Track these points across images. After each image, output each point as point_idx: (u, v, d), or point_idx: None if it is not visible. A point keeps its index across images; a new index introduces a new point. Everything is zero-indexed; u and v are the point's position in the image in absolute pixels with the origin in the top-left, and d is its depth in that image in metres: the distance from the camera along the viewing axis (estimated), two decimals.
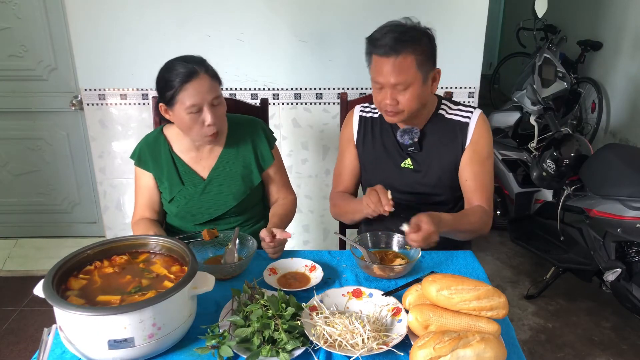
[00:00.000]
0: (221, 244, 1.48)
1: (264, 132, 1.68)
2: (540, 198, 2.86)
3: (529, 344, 2.37)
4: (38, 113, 2.80)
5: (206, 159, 1.62)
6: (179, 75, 1.43)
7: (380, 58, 1.44)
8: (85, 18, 2.37)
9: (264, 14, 2.37)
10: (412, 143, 1.58)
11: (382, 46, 1.43)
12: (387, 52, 1.42)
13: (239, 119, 1.68)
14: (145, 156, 1.61)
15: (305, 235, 2.79)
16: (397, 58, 1.42)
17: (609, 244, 2.28)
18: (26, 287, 2.58)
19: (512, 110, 3.08)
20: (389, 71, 1.43)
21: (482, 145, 1.58)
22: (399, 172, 1.63)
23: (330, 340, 1.06)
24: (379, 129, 1.66)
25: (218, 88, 1.49)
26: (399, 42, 1.41)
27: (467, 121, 1.59)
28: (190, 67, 1.43)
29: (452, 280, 1.09)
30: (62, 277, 1.12)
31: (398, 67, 1.42)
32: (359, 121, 1.70)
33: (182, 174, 1.61)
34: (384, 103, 1.48)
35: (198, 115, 1.45)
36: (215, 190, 1.61)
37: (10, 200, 2.99)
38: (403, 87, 1.45)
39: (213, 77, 1.47)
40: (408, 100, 1.46)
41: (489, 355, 0.97)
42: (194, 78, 1.43)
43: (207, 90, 1.44)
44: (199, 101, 1.43)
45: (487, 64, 6.62)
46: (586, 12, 4.45)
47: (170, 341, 1.06)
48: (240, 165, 1.64)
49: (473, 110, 1.60)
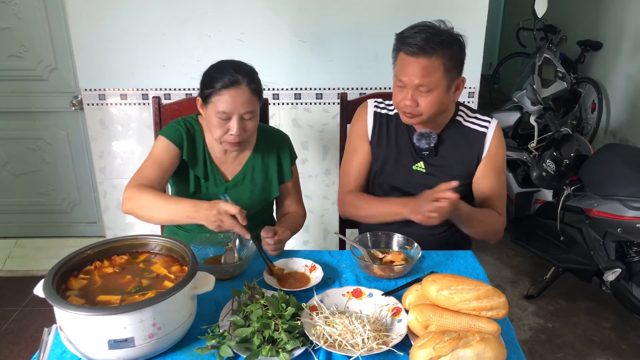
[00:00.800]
0: (221, 244, 1.48)
1: (289, 147, 1.70)
2: (540, 198, 2.86)
3: (529, 344, 2.37)
4: (38, 113, 2.80)
5: (231, 163, 1.63)
6: (222, 79, 1.43)
7: (407, 57, 1.42)
8: (85, 18, 2.37)
9: (264, 14, 2.37)
10: (429, 147, 1.56)
11: (411, 45, 1.39)
12: (415, 52, 1.39)
13: (269, 131, 1.70)
14: (181, 135, 1.55)
15: (305, 235, 2.79)
16: (425, 59, 1.39)
17: (609, 244, 2.28)
18: (26, 287, 2.58)
19: (512, 110, 3.08)
20: (414, 71, 1.41)
21: (499, 158, 1.58)
22: (409, 174, 1.61)
23: (330, 340, 1.06)
24: (394, 127, 1.62)
25: (255, 103, 1.48)
26: (429, 43, 1.38)
27: (485, 131, 1.57)
28: (234, 76, 1.43)
29: (452, 280, 1.09)
30: (62, 277, 1.12)
31: (425, 68, 1.40)
32: (373, 117, 1.65)
33: (208, 170, 1.60)
34: (404, 103, 1.46)
35: (226, 122, 1.46)
36: (235, 195, 1.60)
37: (10, 200, 2.99)
38: (426, 90, 1.42)
39: (253, 92, 1.46)
40: (429, 104, 1.44)
41: (489, 355, 0.97)
42: (233, 87, 1.43)
43: (241, 102, 1.44)
44: (230, 110, 1.44)
45: (487, 64, 6.62)
46: (586, 12, 4.45)
47: (170, 341, 1.06)
48: (263, 176, 1.65)
49: (490, 120, 1.60)
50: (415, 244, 1.42)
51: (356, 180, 1.67)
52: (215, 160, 1.61)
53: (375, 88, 2.51)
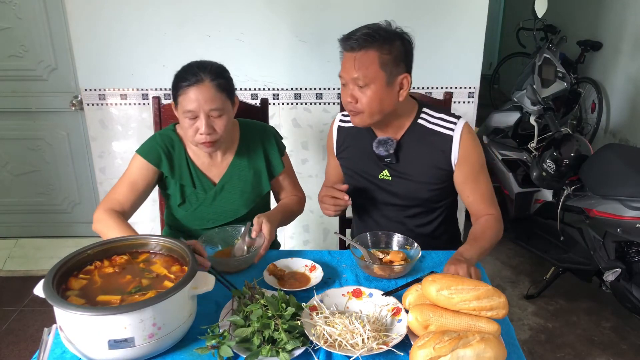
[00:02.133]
0: (230, 239, 1.50)
1: (275, 139, 1.68)
2: (540, 198, 2.85)
3: (529, 344, 2.37)
4: (38, 113, 2.80)
5: (218, 166, 1.61)
6: (186, 78, 1.43)
7: (345, 53, 1.43)
8: (85, 18, 2.37)
9: (264, 14, 2.37)
10: (388, 154, 1.53)
11: (347, 41, 1.41)
12: (352, 47, 1.40)
13: (251, 126, 1.67)
14: (158, 152, 1.55)
15: (305, 235, 2.79)
16: (359, 53, 1.39)
17: (608, 244, 2.28)
18: (26, 287, 2.59)
19: (512, 110, 3.08)
20: (350, 65, 1.41)
21: (473, 159, 1.52)
22: (377, 183, 1.60)
23: (330, 340, 1.07)
24: (357, 139, 1.62)
25: (221, 100, 1.45)
26: (366, 37, 1.39)
27: (451, 134, 1.50)
28: (197, 74, 1.43)
29: (452, 280, 1.09)
30: (62, 277, 1.12)
31: (358, 60, 1.39)
32: (337, 132, 1.68)
33: (194, 178, 1.59)
34: (345, 100, 1.46)
35: (194, 121, 1.44)
36: (226, 197, 1.60)
37: (10, 200, 2.99)
38: (362, 84, 1.41)
39: (219, 88, 1.44)
40: (367, 99, 1.42)
41: (488, 355, 0.97)
42: (196, 84, 1.42)
43: (205, 99, 1.42)
44: (195, 108, 1.42)
45: (487, 64, 6.62)
46: (586, 12, 4.45)
47: (170, 341, 1.06)
48: (251, 172, 1.63)
49: (457, 121, 1.52)
50: (415, 244, 1.42)
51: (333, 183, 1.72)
52: (200, 166, 1.60)
53: None
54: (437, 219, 1.64)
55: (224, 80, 1.47)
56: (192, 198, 1.60)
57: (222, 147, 1.58)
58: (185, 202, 1.60)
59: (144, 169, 1.54)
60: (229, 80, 1.50)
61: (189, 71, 1.44)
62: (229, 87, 1.49)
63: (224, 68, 1.52)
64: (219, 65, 1.50)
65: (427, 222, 1.63)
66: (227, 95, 1.47)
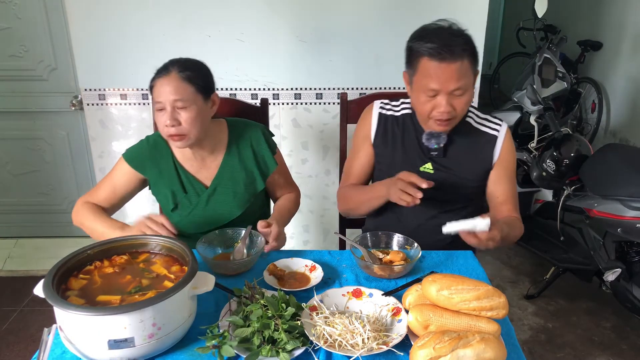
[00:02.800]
0: (231, 241, 1.49)
1: (265, 137, 1.65)
2: (540, 198, 2.86)
3: (529, 344, 2.37)
4: (38, 113, 2.80)
5: (208, 168, 1.60)
6: (158, 71, 1.46)
7: (436, 63, 1.37)
8: (85, 18, 2.37)
9: (264, 14, 2.37)
10: (438, 148, 1.54)
11: (439, 51, 1.35)
12: (445, 57, 1.35)
13: (240, 125, 1.65)
14: (144, 159, 1.56)
15: (305, 235, 2.79)
16: (457, 62, 1.36)
17: (609, 244, 2.28)
18: (26, 287, 2.59)
19: (512, 110, 3.08)
20: (449, 77, 1.37)
21: (510, 162, 1.58)
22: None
23: (330, 340, 1.06)
24: (401, 128, 1.60)
25: (187, 92, 1.44)
26: (457, 46, 1.36)
27: (496, 135, 1.56)
28: (165, 66, 1.46)
29: (452, 280, 1.09)
30: (62, 277, 1.12)
31: (459, 71, 1.37)
32: (378, 118, 1.63)
33: (185, 182, 1.58)
34: (439, 111, 1.42)
35: (162, 113, 1.44)
36: (219, 200, 1.59)
37: (10, 200, 2.99)
38: (461, 93, 1.40)
39: (185, 80, 1.44)
40: (463, 105, 1.42)
41: (489, 355, 0.97)
42: (163, 75, 1.44)
43: (170, 90, 1.42)
44: (162, 99, 1.43)
45: (487, 64, 6.63)
46: (586, 12, 4.45)
47: (170, 341, 1.06)
48: (243, 172, 1.61)
49: (501, 123, 1.59)
50: (415, 244, 1.42)
51: (356, 178, 1.68)
52: (190, 170, 1.59)
53: (375, 88, 2.52)
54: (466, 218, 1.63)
55: (193, 73, 1.46)
56: (185, 203, 1.58)
57: (206, 149, 1.57)
58: (178, 207, 1.59)
59: (127, 174, 1.57)
60: (201, 74, 1.49)
61: (163, 65, 1.47)
62: (199, 80, 1.47)
63: (200, 63, 1.51)
64: (196, 61, 1.51)
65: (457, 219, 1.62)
66: (196, 88, 1.45)
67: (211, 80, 1.53)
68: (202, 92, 1.48)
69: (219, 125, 1.61)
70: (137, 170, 1.56)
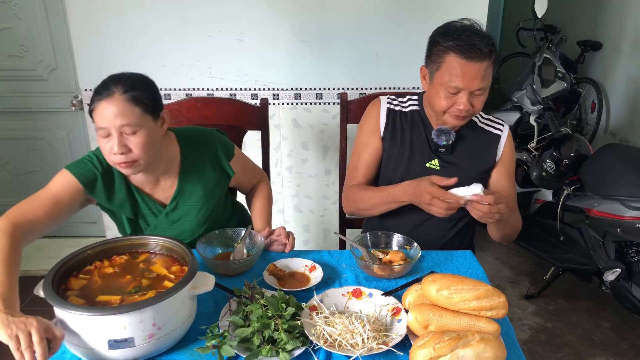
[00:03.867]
0: (230, 241, 1.49)
1: (220, 144, 1.53)
2: (540, 198, 2.86)
3: (529, 344, 2.37)
4: (38, 113, 2.80)
5: (162, 189, 1.46)
6: (99, 91, 1.28)
7: (465, 61, 1.37)
8: (85, 18, 2.37)
9: (264, 14, 2.37)
10: (447, 145, 1.55)
11: (470, 49, 1.36)
12: (475, 56, 1.36)
13: (192, 135, 1.51)
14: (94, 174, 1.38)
15: (305, 235, 2.79)
16: (485, 62, 1.38)
17: (608, 244, 2.28)
18: (26, 287, 2.58)
19: (511, 110, 3.08)
20: (474, 76, 1.38)
21: (511, 161, 1.62)
22: (423, 171, 1.58)
23: (330, 340, 1.07)
24: (409, 124, 1.60)
25: (135, 115, 1.26)
26: (486, 46, 1.37)
27: (499, 134, 1.60)
28: (107, 86, 1.27)
29: (452, 280, 1.09)
30: (62, 277, 1.12)
31: (484, 71, 1.38)
32: (387, 113, 1.61)
33: (140, 203, 1.45)
34: (459, 108, 1.42)
35: (108, 139, 1.27)
36: (181, 216, 1.49)
37: (10, 200, 2.94)
38: (481, 92, 1.42)
39: (132, 102, 1.26)
40: (481, 103, 1.44)
41: (488, 355, 0.97)
42: (105, 98, 1.25)
43: (115, 114, 1.24)
44: (106, 125, 1.25)
45: None
46: (586, 12, 4.45)
47: (170, 341, 1.06)
48: (202, 184, 1.49)
49: (503, 123, 1.63)
50: (415, 243, 1.42)
51: (364, 175, 1.64)
52: (144, 189, 1.45)
53: (375, 88, 2.52)
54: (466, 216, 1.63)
55: (139, 93, 1.28)
56: (143, 224, 1.48)
57: (159, 169, 1.43)
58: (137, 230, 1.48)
59: (70, 188, 1.35)
60: (148, 91, 1.31)
61: (102, 85, 1.29)
62: (147, 99, 1.29)
63: (145, 79, 1.34)
64: (140, 77, 1.33)
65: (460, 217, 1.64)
66: (144, 109, 1.28)
67: (159, 97, 1.36)
68: (151, 112, 1.31)
69: (168, 141, 1.46)
70: (84, 187, 1.36)
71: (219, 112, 1.89)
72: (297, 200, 2.71)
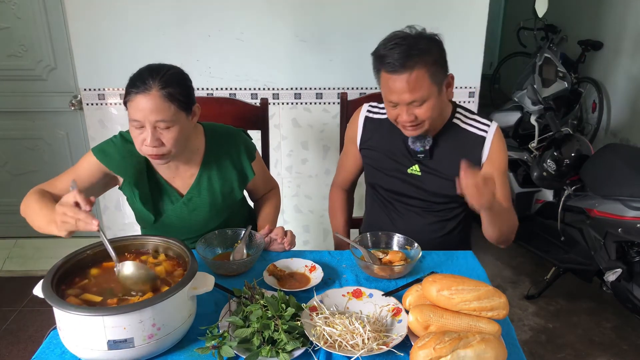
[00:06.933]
0: (230, 242, 1.49)
1: (243, 144, 1.58)
2: (540, 198, 2.85)
3: (530, 345, 2.37)
4: (37, 113, 2.79)
5: (182, 177, 1.51)
6: (135, 84, 1.30)
7: (390, 75, 1.38)
8: (85, 18, 2.36)
9: (264, 13, 2.37)
10: (423, 150, 1.54)
11: (391, 63, 1.35)
12: (397, 69, 1.35)
13: (218, 131, 1.56)
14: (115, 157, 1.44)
15: (305, 235, 2.78)
16: (409, 75, 1.35)
17: (609, 244, 2.28)
18: (26, 287, 2.57)
19: (512, 110, 3.08)
20: (402, 89, 1.37)
21: (500, 162, 1.56)
22: (405, 177, 1.60)
23: (330, 341, 1.06)
24: (388, 131, 1.61)
25: (170, 111, 1.30)
26: (409, 57, 1.34)
27: (484, 135, 1.55)
28: (145, 80, 1.29)
29: (453, 280, 1.09)
30: (62, 277, 1.11)
31: (412, 84, 1.36)
32: (364, 122, 1.65)
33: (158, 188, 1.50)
34: (402, 119, 1.43)
35: (141, 130, 1.32)
36: (195, 209, 1.52)
37: (10, 200, 2.98)
38: (419, 103, 1.40)
39: (168, 98, 1.29)
40: (426, 112, 1.41)
41: (489, 355, 0.96)
42: (142, 93, 1.28)
43: (151, 110, 1.28)
44: (141, 118, 1.29)
45: (487, 63, 6.62)
46: (586, 12, 4.45)
47: (170, 341, 1.06)
48: (221, 182, 1.53)
49: (489, 124, 1.57)
50: (415, 244, 1.42)
51: (344, 179, 1.81)
52: (164, 176, 1.50)
53: (375, 88, 2.50)
54: (456, 218, 1.65)
55: (175, 89, 1.31)
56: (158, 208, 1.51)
57: (182, 158, 1.47)
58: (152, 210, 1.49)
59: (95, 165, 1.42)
60: (183, 88, 1.34)
61: (139, 77, 1.31)
62: (182, 96, 1.33)
63: (181, 75, 1.37)
64: (175, 72, 1.35)
65: (448, 218, 1.64)
66: (178, 105, 1.32)
67: (192, 92, 1.40)
68: (185, 109, 1.35)
69: (196, 133, 1.51)
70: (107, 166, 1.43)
71: (218, 112, 1.88)
72: (297, 201, 2.70)
